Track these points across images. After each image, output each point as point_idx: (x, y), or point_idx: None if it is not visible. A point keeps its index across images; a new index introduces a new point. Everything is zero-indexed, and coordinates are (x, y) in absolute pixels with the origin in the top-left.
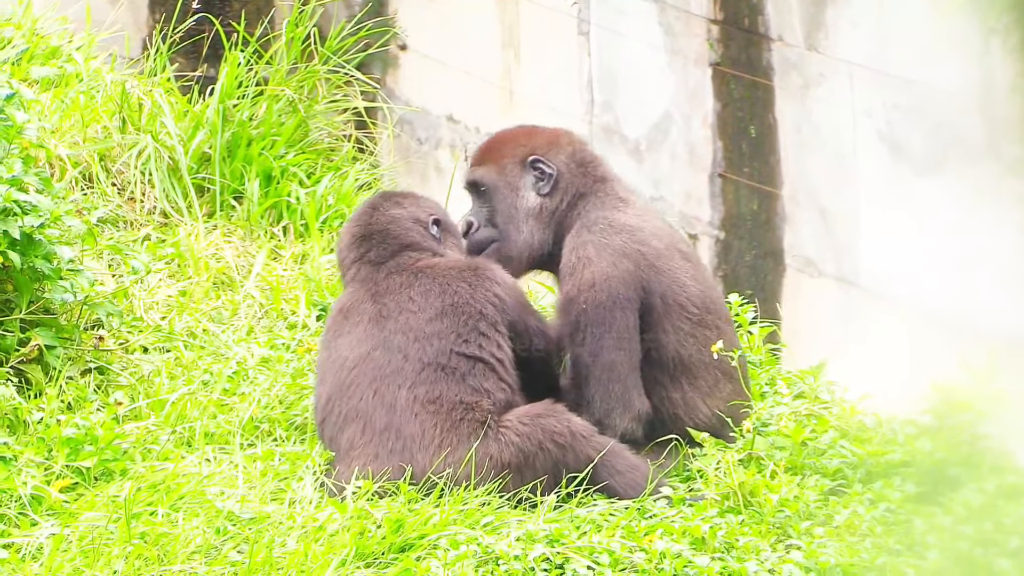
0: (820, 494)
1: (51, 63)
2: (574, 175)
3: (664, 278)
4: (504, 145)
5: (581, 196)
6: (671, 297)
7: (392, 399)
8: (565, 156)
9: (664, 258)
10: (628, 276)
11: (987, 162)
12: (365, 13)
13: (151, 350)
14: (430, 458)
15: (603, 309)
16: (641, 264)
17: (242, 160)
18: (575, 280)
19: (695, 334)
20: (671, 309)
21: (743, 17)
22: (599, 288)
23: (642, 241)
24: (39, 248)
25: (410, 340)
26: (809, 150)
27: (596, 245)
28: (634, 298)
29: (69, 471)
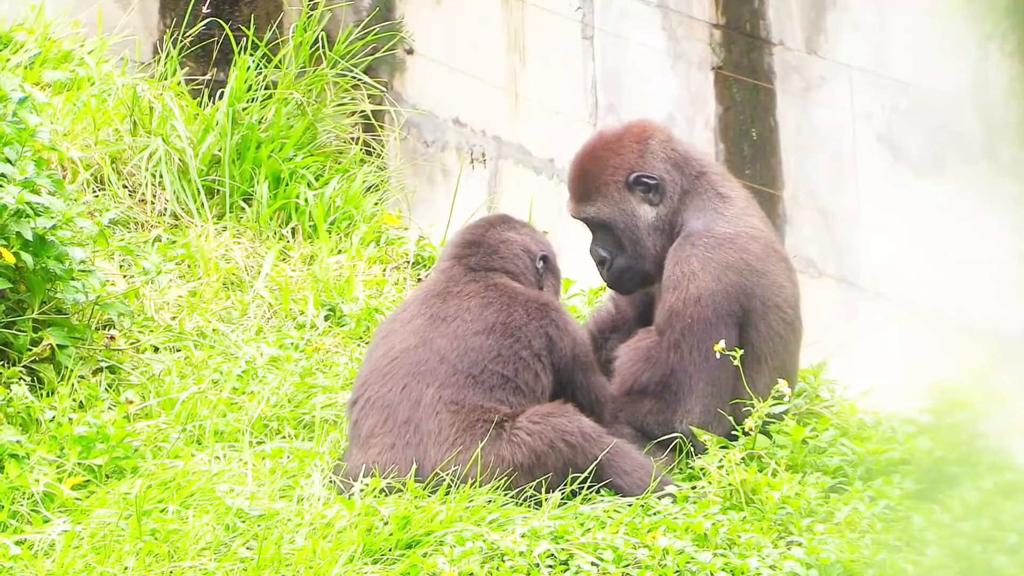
0: (821, 491)
1: (63, 67)
2: (674, 177)
3: (765, 280)
4: (600, 173)
5: (685, 194)
6: (770, 299)
7: (419, 396)
8: (661, 161)
9: (763, 260)
10: (732, 289)
11: (984, 164)
12: (372, 18)
13: (162, 349)
14: (442, 455)
15: (709, 325)
16: (744, 272)
17: (251, 162)
18: (680, 294)
19: (783, 334)
20: (769, 310)
21: (745, 22)
22: (704, 303)
23: (743, 248)
24: (51, 249)
25: (452, 346)
26: (810, 152)
27: (700, 259)
28: (737, 311)
29: (81, 469)
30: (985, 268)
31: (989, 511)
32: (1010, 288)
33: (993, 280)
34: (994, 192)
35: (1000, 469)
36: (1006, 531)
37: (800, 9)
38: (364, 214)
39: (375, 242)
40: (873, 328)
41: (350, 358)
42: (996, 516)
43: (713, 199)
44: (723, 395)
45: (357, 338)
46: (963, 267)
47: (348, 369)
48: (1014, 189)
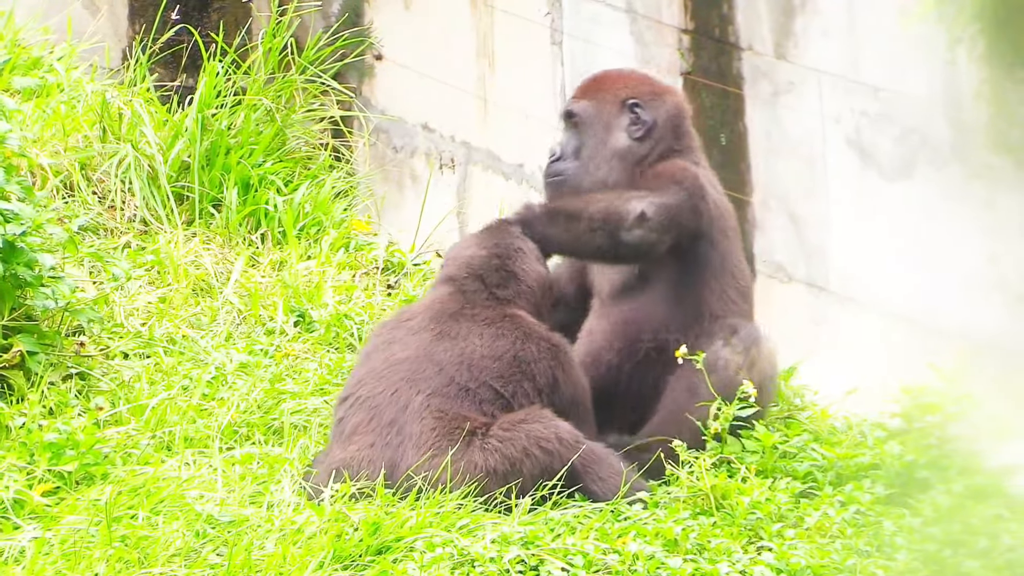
0: (791, 496)
1: (33, 73)
2: (667, 131)
3: (730, 245)
4: (609, 83)
5: (669, 153)
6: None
7: (408, 400)
8: (665, 111)
9: (733, 231)
10: (712, 213)
11: (954, 167)
12: (341, 24)
13: (131, 356)
14: (418, 458)
15: (699, 195)
16: (719, 221)
17: (220, 168)
18: (683, 167)
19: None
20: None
21: (713, 27)
22: (702, 185)
23: (728, 209)
24: (21, 256)
25: (455, 361)
26: (779, 157)
27: (705, 177)
28: (700, 221)
29: (51, 475)
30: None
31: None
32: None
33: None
34: (964, 195)
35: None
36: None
37: (769, 14)
38: (333, 220)
39: (344, 248)
40: (843, 333)
41: (319, 364)
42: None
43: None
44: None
45: (327, 344)
46: (934, 271)
47: (317, 375)
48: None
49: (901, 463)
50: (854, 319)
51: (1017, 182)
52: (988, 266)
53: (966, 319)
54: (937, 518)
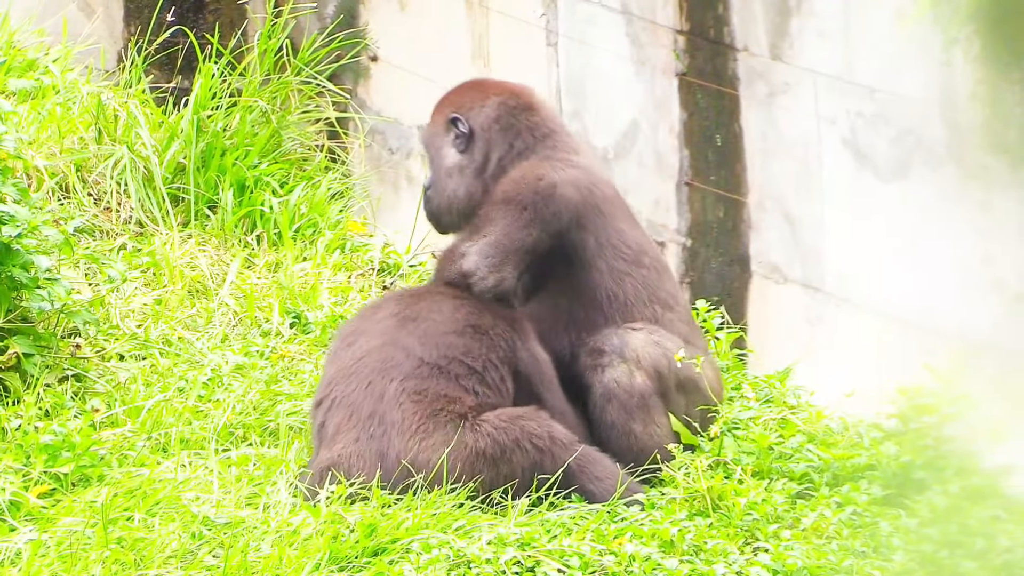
0: (787, 497)
1: (28, 75)
2: (494, 135)
3: (603, 220)
4: (441, 103)
5: (519, 152)
6: (605, 237)
7: (382, 390)
8: (485, 116)
9: (609, 203)
10: (570, 201)
11: (950, 168)
12: (336, 25)
13: (127, 357)
14: (406, 443)
15: (539, 198)
16: (587, 200)
17: (216, 170)
18: (523, 173)
19: (631, 272)
20: (604, 248)
21: (709, 28)
22: (544, 185)
23: (593, 183)
24: (17, 257)
25: (420, 343)
26: (774, 158)
27: (552, 167)
28: (562, 218)
29: (47, 477)
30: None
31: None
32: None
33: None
34: (960, 196)
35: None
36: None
37: (765, 15)
38: (329, 221)
39: (340, 249)
40: (839, 333)
41: (315, 365)
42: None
43: (562, 153)
44: (511, 255)
45: (322, 345)
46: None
47: (313, 376)
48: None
49: (898, 464)
50: (850, 320)
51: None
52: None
53: (962, 320)
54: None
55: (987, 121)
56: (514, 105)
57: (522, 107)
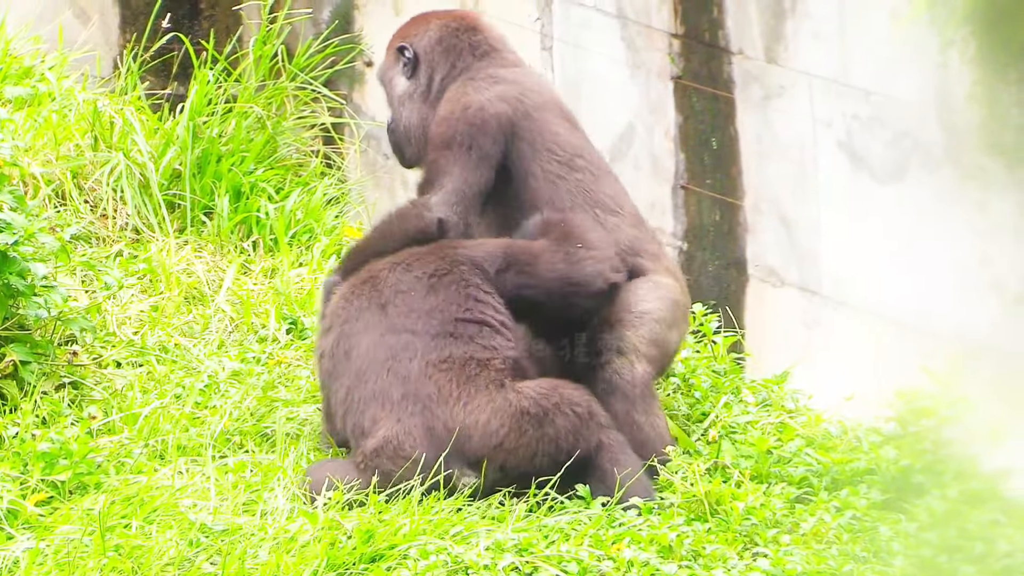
0: (786, 502)
1: (24, 83)
2: (437, 56)
3: (535, 125)
4: (392, 39)
5: (460, 71)
6: (539, 143)
7: (406, 372)
8: (428, 39)
9: (540, 109)
10: (502, 116)
11: (947, 170)
12: (332, 30)
13: (124, 364)
14: (451, 411)
15: (475, 129)
16: (517, 110)
17: (212, 176)
18: (451, 106)
19: (564, 175)
20: (538, 153)
21: (704, 31)
22: (473, 112)
23: (522, 92)
24: (13, 265)
25: (413, 318)
26: (770, 161)
27: (475, 89)
28: (500, 139)
29: (44, 485)
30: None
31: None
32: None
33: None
34: (957, 198)
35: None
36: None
37: (759, 18)
38: (325, 227)
39: (336, 255)
40: (836, 336)
41: (312, 371)
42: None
43: (496, 67)
44: (465, 193)
45: None
46: (927, 274)
47: (310, 382)
48: (977, 194)
49: (897, 468)
50: (847, 323)
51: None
52: (982, 268)
53: (960, 322)
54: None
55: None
56: (456, 27)
57: (464, 28)
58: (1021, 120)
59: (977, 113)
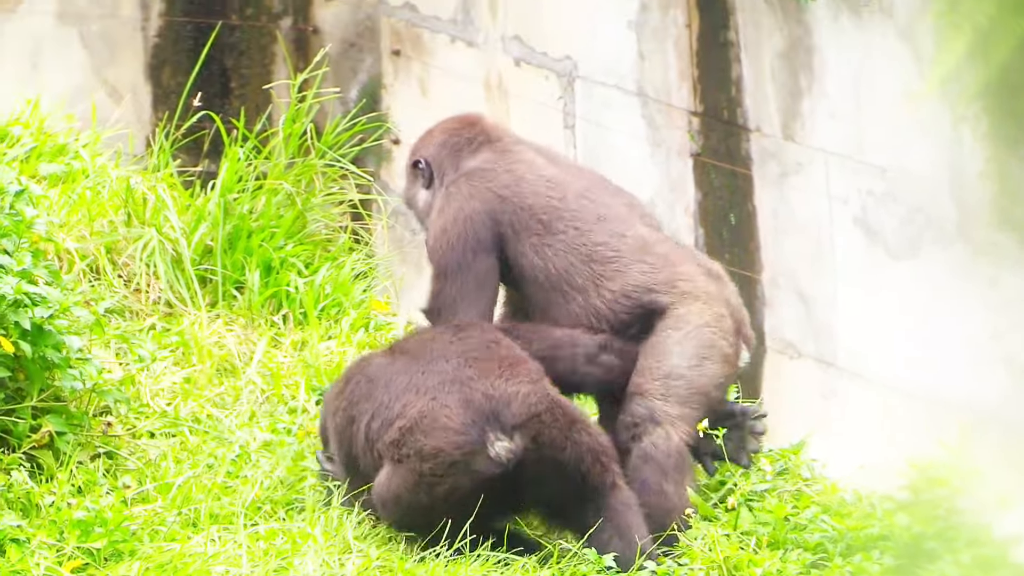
0: (802, 567)
1: (58, 160)
2: (445, 157)
3: (508, 205)
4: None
5: (457, 169)
6: (518, 222)
7: (440, 368)
8: (435, 144)
9: (512, 186)
10: (475, 218)
11: (959, 245)
12: (359, 109)
13: (157, 435)
14: (492, 382)
15: (459, 247)
16: (489, 200)
17: (243, 251)
18: (435, 225)
19: (549, 243)
20: (520, 234)
21: (722, 109)
22: (452, 231)
23: (491, 178)
24: (49, 338)
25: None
26: (787, 236)
27: (454, 195)
28: (486, 237)
29: (80, 552)
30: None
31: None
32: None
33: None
34: (970, 273)
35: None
36: None
37: (777, 96)
38: (353, 301)
39: (364, 328)
40: (851, 407)
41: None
42: None
43: (483, 157)
44: (487, 306)
45: None
46: (939, 347)
47: None
48: (989, 269)
49: (909, 534)
50: (862, 394)
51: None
52: (993, 342)
53: (972, 394)
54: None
55: (996, 198)
56: (456, 127)
57: (463, 126)
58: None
59: (989, 189)
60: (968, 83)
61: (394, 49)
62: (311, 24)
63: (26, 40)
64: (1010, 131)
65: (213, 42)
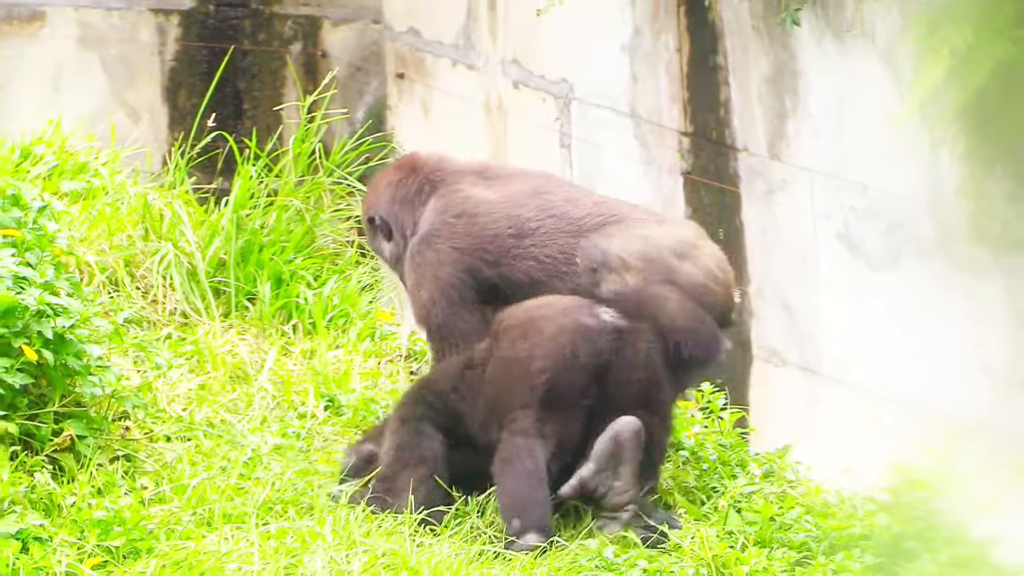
0: (787, 566)
1: (79, 177)
2: (398, 210)
3: (477, 252)
4: (363, 214)
5: (416, 223)
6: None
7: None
8: (384, 200)
9: (472, 233)
10: (454, 279)
11: (937, 259)
12: (365, 129)
13: (173, 439)
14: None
15: (451, 317)
16: (456, 259)
17: (254, 264)
18: (418, 303)
19: (532, 242)
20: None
21: (711, 130)
22: (437, 305)
23: (448, 236)
24: (70, 347)
25: None
26: (773, 250)
27: (416, 267)
28: (470, 295)
29: (100, 550)
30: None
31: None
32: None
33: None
34: (948, 285)
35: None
36: None
37: (763, 117)
38: (360, 311)
39: (370, 337)
40: (835, 413)
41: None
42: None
43: (436, 205)
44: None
45: (354, 426)
46: (920, 356)
47: None
48: (967, 282)
49: (890, 534)
50: (845, 400)
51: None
52: (971, 351)
53: (951, 401)
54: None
55: (972, 215)
56: (399, 179)
57: (405, 176)
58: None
59: (966, 206)
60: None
61: (398, 72)
62: (320, 49)
63: (48, 63)
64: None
65: (226, 66)
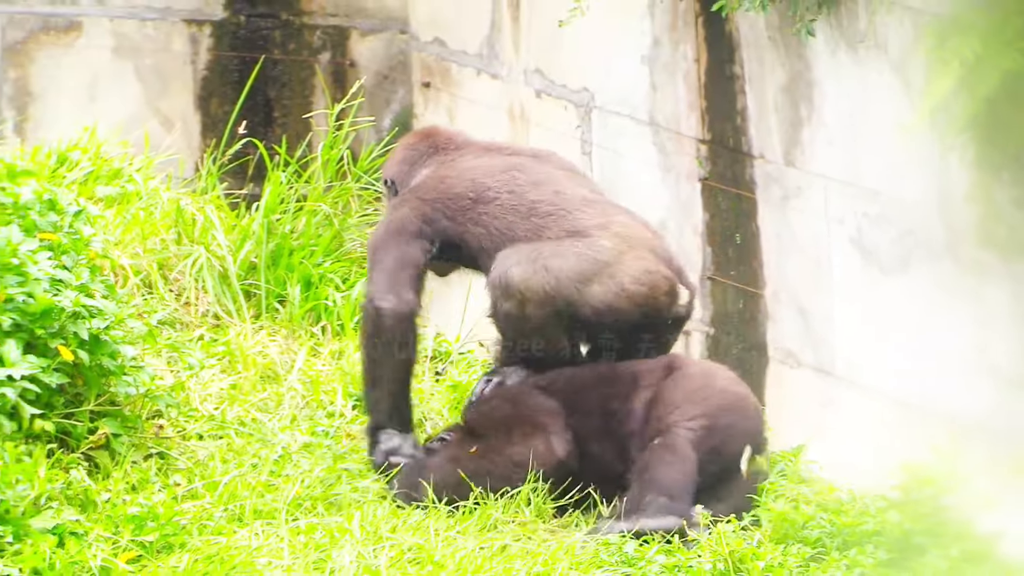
0: (802, 561)
1: (114, 183)
2: (405, 171)
3: (438, 204)
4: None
5: (415, 179)
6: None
7: None
8: (396, 160)
9: (438, 187)
10: (405, 217)
11: (947, 263)
12: (392, 136)
13: (206, 437)
14: None
15: (396, 233)
16: (416, 205)
17: (284, 268)
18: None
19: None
20: (456, 216)
21: (728, 137)
22: (389, 226)
23: (420, 190)
24: (105, 347)
25: None
26: (788, 255)
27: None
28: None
29: (134, 545)
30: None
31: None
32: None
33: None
34: (957, 289)
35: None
36: None
37: (779, 125)
38: None
39: None
40: (848, 414)
41: None
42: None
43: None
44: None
45: None
46: (929, 357)
47: None
48: (975, 285)
49: (900, 530)
50: (857, 401)
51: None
52: (979, 354)
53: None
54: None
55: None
56: (414, 141)
57: (420, 138)
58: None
59: (975, 211)
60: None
61: (424, 81)
62: (348, 58)
63: (84, 72)
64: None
65: (257, 75)
